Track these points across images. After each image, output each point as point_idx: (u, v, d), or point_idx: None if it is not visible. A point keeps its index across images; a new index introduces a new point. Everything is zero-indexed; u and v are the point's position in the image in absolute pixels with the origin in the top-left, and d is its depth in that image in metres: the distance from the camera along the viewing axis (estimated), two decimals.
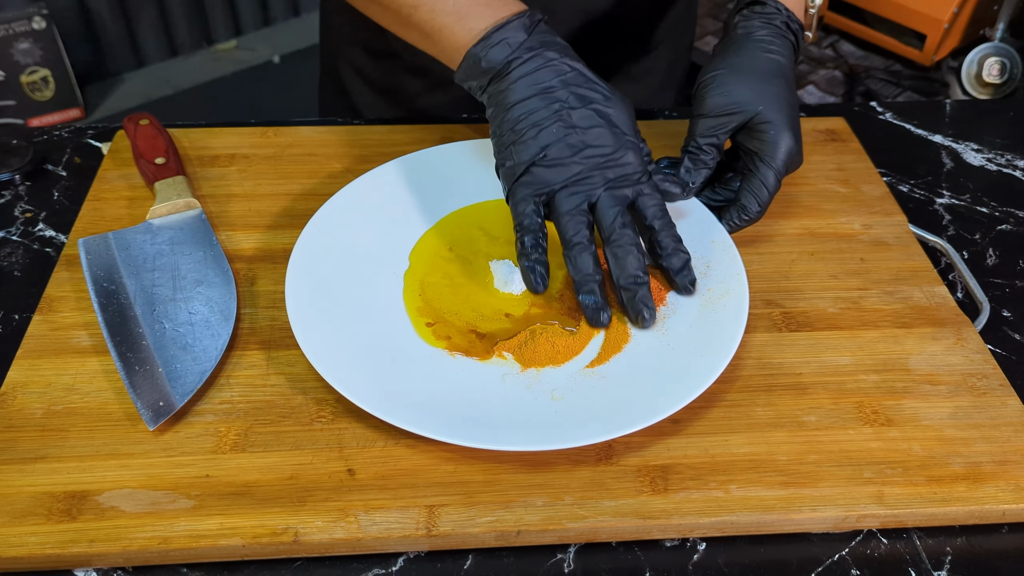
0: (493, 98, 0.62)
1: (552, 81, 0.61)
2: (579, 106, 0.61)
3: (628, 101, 0.64)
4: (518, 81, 0.61)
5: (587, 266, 0.60)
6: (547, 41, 0.62)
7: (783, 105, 0.66)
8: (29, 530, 0.50)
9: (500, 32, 0.61)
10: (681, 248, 0.62)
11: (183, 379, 0.57)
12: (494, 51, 0.61)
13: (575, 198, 0.60)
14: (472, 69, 0.62)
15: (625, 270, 0.60)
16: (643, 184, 0.62)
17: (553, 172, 0.61)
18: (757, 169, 0.66)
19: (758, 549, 0.53)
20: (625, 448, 0.55)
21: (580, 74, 0.62)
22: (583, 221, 0.60)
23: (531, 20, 0.62)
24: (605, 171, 0.61)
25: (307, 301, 0.61)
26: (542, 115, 0.60)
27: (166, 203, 0.70)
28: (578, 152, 0.60)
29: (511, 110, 0.61)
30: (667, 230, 0.62)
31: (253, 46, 2.64)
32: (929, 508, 0.53)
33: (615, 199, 0.61)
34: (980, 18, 1.93)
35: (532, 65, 0.61)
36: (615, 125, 0.61)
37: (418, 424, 0.54)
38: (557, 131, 0.60)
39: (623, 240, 0.60)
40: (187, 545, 0.50)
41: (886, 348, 0.63)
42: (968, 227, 0.76)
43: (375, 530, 0.51)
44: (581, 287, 0.60)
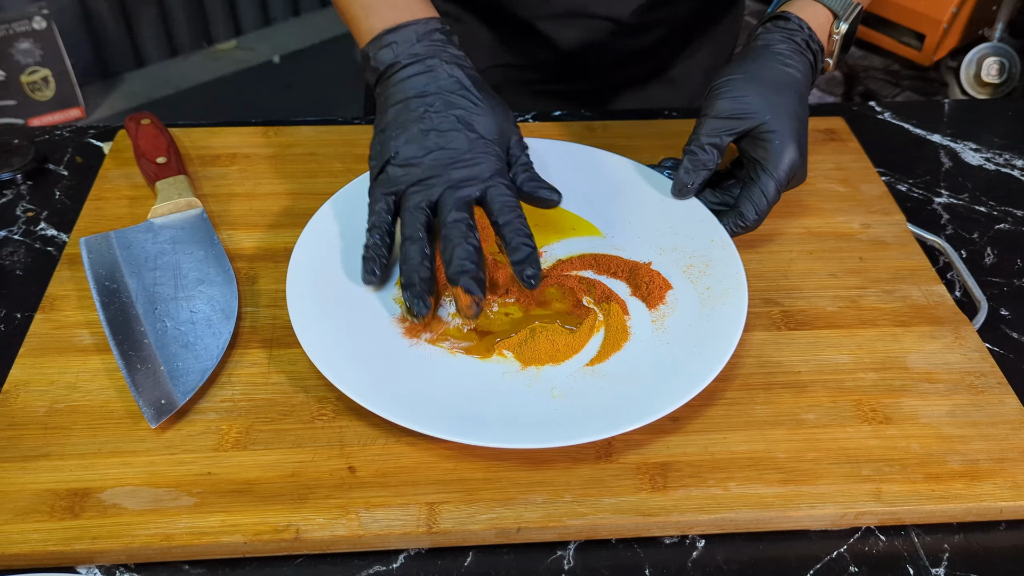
0: (378, 100, 0.66)
1: (427, 87, 0.63)
2: (442, 110, 0.63)
3: (503, 111, 0.65)
4: (397, 84, 0.64)
5: (412, 258, 0.60)
6: (436, 50, 0.64)
7: (792, 118, 0.66)
8: (32, 527, 0.50)
9: (391, 35, 0.64)
10: (525, 242, 0.61)
11: (185, 377, 0.58)
12: (382, 52, 0.64)
13: (417, 197, 0.62)
14: (366, 66, 0.66)
15: (451, 263, 0.59)
16: (492, 182, 0.63)
17: (403, 172, 0.63)
18: (758, 178, 0.66)
19: (757, 546, 0.53)
20: (625, 446, 0.56)
21: (457, 81, 0.64)
22: (420, 218, 0.61)
23: (426, 28, 0.64)
24: (451, 172, 0.62)
25: (308, 300, 0.61)
26: (407, 118, 0.63)
27: (167, 202, 0.70)
28: (429, 153, 0.63)
29: (387, 112, 0.64)
30: (512, 223, 0.61)
31: (253, 46, 2.65)
32: (927, 505, 0.53)
33: (456, 198, 0.62)
34: (979, 18, 1.93)
35: (412, 70, 0.64)
36: (474, 130, 0.63)
37: (419, 422, 0.54)
38: (415, 133, 0.63)
39: (451, 234, 0.60)
40: (189, 542, 0.50)
41: (884, 347, 0.63)
42: (966, 226, 0.76)
43: (376, 527, 0.51)
44: (404, 277, 0.60)
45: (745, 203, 0.67)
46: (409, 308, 0.59)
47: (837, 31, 0.69)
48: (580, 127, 0.83)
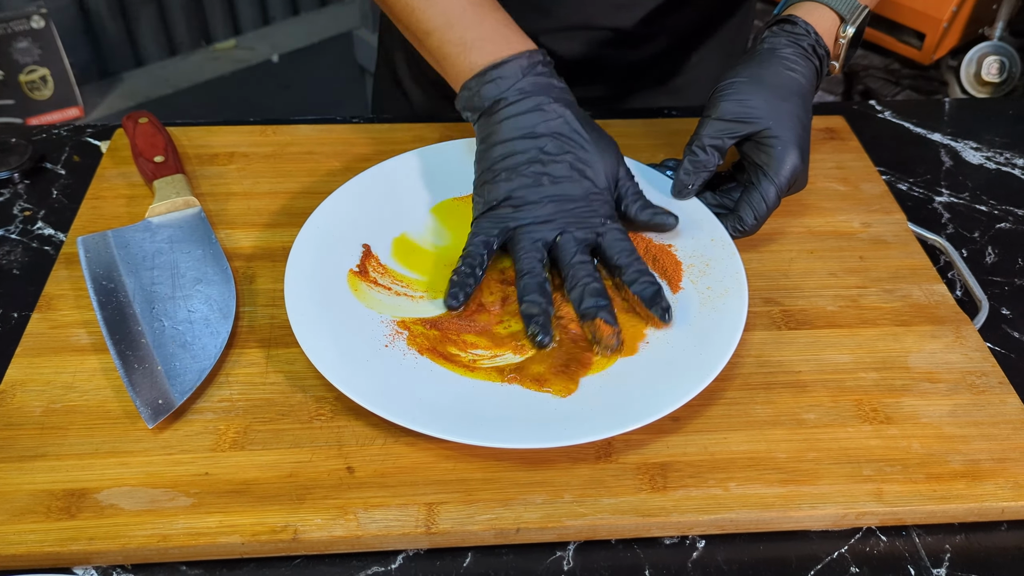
0: (481, 133, 0.65)
1: (537, 127, 0.63)
2: (556, 153, 0.63)
3: (611, 150, 0.65)
4: (504, 121, 0.63)
5: (533, 290, 0.60)
6: (542, 84, 0.64)
7: (795, 124, 0.66)
8: (28, 528, 0.50)
9: (496, 70, 0.63)
10: (649, 279, 0.62)
11: (182, 377, 0.57)
12: (487, 88, 0.63)
13: (532, 235, 0.63)
14: (467, 101, 0.65)
15: (583, 300, 0.60)
16: (606, 227, 0.64)
17: (517, 212, 0.63)
18: (759, 183, 0.66)
19: (757, 547, 0.53)
20: (625, 446, 0.55)
21: (566, 123, 0.64)
22: (536, 257, 0.62)
23: (530, 61, 0.64)
24: (568, 217, 0.63)
25: (306, 299, 0.61)
26: (519, 159, 0.63)
27: (165, 201, 0.69)
28: (543, 198, 0.63)
29: (494, 148, 0.64)
30: (634, 265, 0.62)
31: (252, 45, 2.64)
32: (928, 506, 0.53)
33: (576, 240, 0.63)
34: (979, 17, 1.93)
35: (520, 107, 0.63)
36: (587, 177, 0.64)
37: (417, 422, 0.53)
38: (530, 177, 0.63)
39: (579, 274, 0.61)
40: (186, 543, 0.50)
41: (885, 346, 0.63)
42: (967, 225, 0.76)
43: (374, 528, 0.51)
44: (525, 309, 0.60)
45: (744, 207, 0.67)
46: (534, 337, 0.59)
47: (843, 35, 0.69)
48: None
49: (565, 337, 0.61)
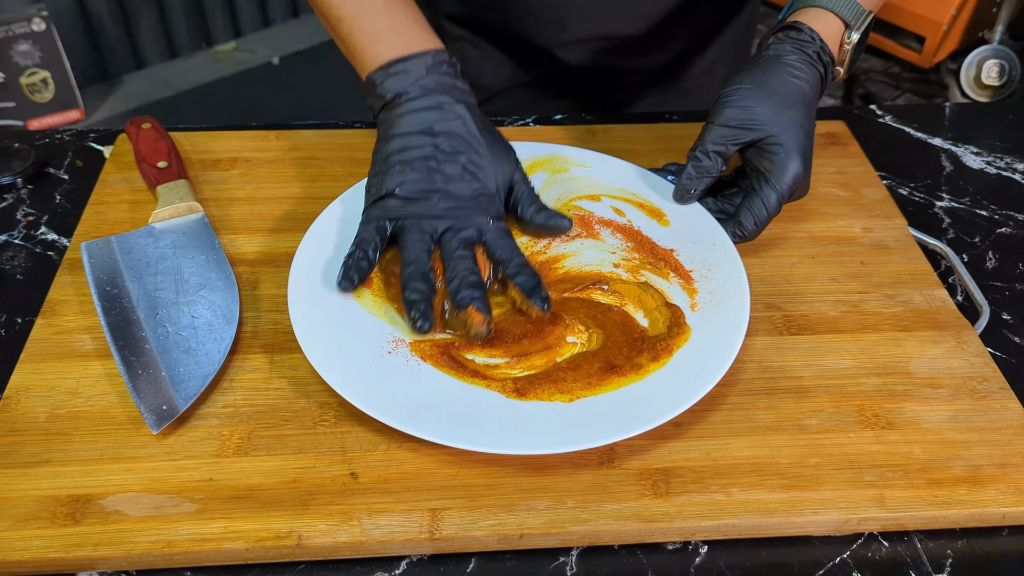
0: (381, 125, 0.66)
1: (435, 124, 0.64)
2: (451, 152, 0.64)
3: (506, 155, 0.67)
4: (404, 116, 0.64)
5: (416, 278, 0.61)
6: (445, 84, 0.65)
7: (798, 131, 0.66)
8: (33, 534, 0.50)
9: (401, 64, 0.64)
10: (529, 271, 0.63)
11: (186, 383, 0.58)
12: (390, 81, 0.65)
13: (420, 227, 0.64)
14: (370, 92, 0.66)
15: (459, 290, 0.61)
16: (492, 225, 0.65)
17: (406, 205, 0.64)
18: (761, 189, 0.66)
19: (760, 552, 0.53)
20: (627, 451, 0.56)
21: (464, 123, 0.65)
22: (422, 247, 0.63)
23: (435, 59, 0.65)
24: (454, 215, 0.64)
25: (310, 305, 0.61)
26: (414, 154, 0.64)
27: (168, 207, 0.70)
28: (434, 194, 0.64)
29: (391, 141, 0.65)
30: (515, 259, 0.64)
31: (253, 47, 2.64)
32: (930, 511, 0.53)
33: (459, 238, 0.64)
34: (979, 20, 1.93)
35: (421, 103, 0.64)
36: (478, 179, 0.65)
37: (420, 428, 0.54)
38: (422, 172, 0.64)
39: (458, 267, 0.62)
40: (191, 549, 0.50)
41: (886, 351, 0.63)
42: (968, 230, 0.76)
43: (378, 533, 0.51)
44: (407, 295, 0.61)
45: (745, 213, 0.67)
46: (414, 323, 0.60)
47: (848, 41, 0.69)
48: (581, 131, 0.82)
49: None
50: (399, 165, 0.64)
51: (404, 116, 0.64)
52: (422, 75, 0.64)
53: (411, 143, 0.64)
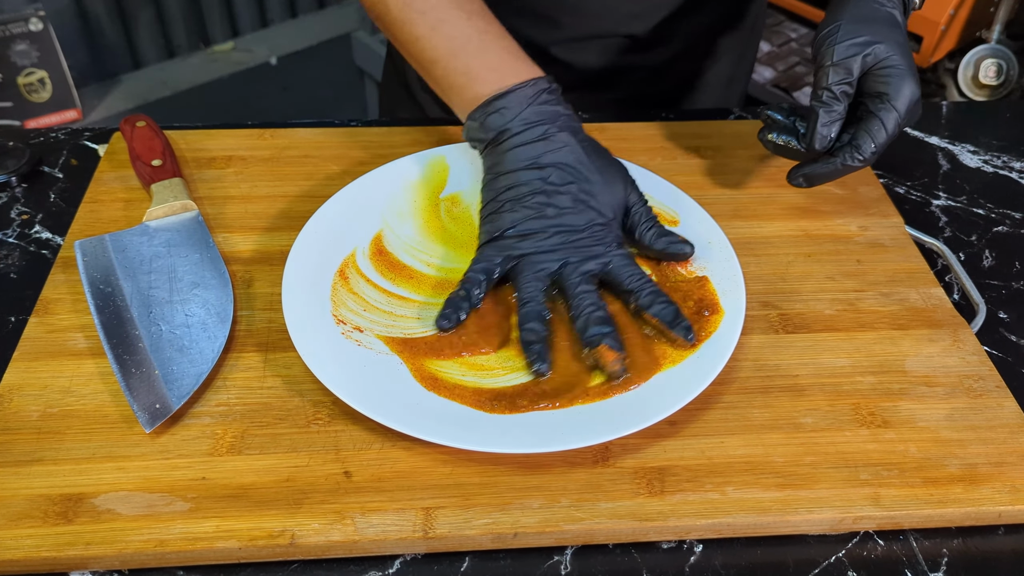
0: (488, 163, 0.65)
1: (542, 157, 0.63)
2: (561, 184, 0.63)
3: (619, 178, 0.65)
4: (509, 152, 0.63)
5: (533, 319, 0.60)
6: (548, 112, 0.64)
7: (906, 52, 0.66)
8: (25, 533, 0.50)
9: (501, 100, 0.63)
10: (665, 300, 0.61)
11: (179, 381, 0.57)
12: (492, 118, 0.64)
13: (537, 265, 0.62)
14: (473, 132, 0.65)
15: (588, 327, 0.59)
16: (611, 254, 0.63)
17: (521, 243, 0.63)
18: (878, 111, 0.65)
19: (755, 551, 0.53)
20: (622, 450, 0.55)
21: (571, 151, 0.63)
22: (538, 286, 0.62)
23: (535, 89, 0.64)
24: (571, 248, 0.63)
25: (304, 303, 0.61)
26: (523, 191, 0.63)
27: (163, 205, 0.69)
28: (547, 228, 0.63)
29: (499, 179, 0.64)
30: (646, 288, 0.62)
31: (250, 48, 2.64)
32: (925, 510, 0.53)
33: (580, 272, 0.62)
34: (977, 20, 1.93)
35: (525, 137, 0.63)
36: (592, 208, 0.63)
37: (414, 427, 0.54)
38: (534, 208, 0.63)
39: (582, 304, 0.60)
40: (183, 548, 0.50)
41: (883, 350, 0.63)
42: (964, 229, 0.76)
43: (372, 532, 0.51)
44: (524, 337, 0.60)
45: (863, 136, 0.65)
46: (530, 366, 0.58)
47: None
48: None
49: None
50: (510, 203, 0.63)
51: (509, 152, 0.63)
52: (523, 107, 0.63)
53: (520, 180, 0.63)
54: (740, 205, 0.75)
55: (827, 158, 0.67)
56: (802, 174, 0.69)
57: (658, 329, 0.61)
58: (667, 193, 0.72)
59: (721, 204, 0.74)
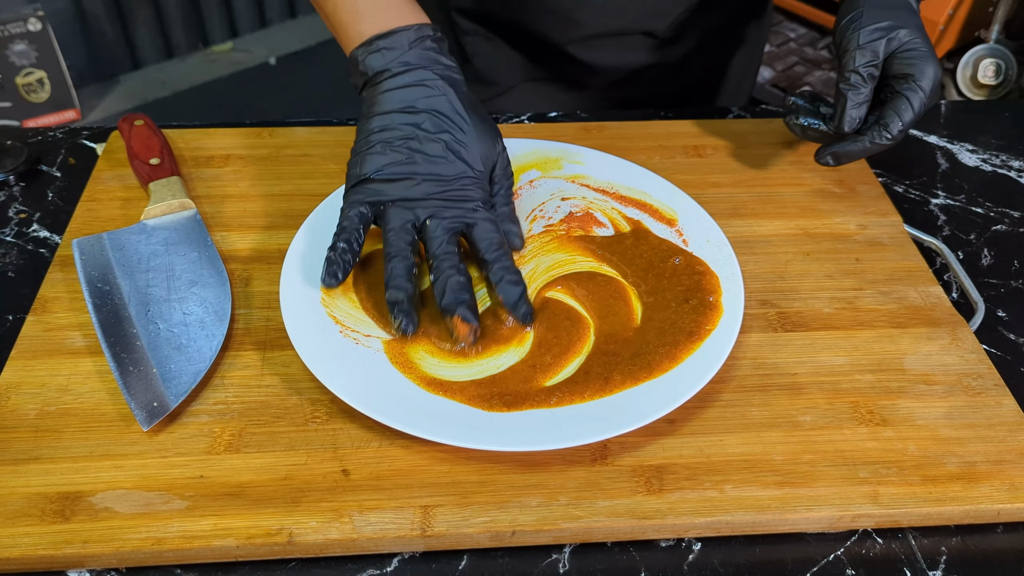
0: (364, 103, 0.64)
1: (417, 101, 0.63)
2: (433, 132, 0.62)
3: (491, 136, 0.65)
4: (385, 93, 0.63)
5: (399, 275, 0.59)
6: (429, 58, 0.63)
7: (926, 37, 0.68)
8: (22, 531, 0.50)
9: (383, 40, 0.63)
10: (513, 278, 0.61)
11: (177, 380, 0.57)
12: (372, 58, 0.63)
13: (401, 215, 0.61)
14: (353, 70, 0.65)
15: (444, 294, 0.59)
16: (478, 215, 0.63)
17: (388, 187, 0.62)
18: (904, 90, 0.67)
19: (753, 549, 0.53)
20: (620, 448, 0.55)
21: (447, 101, 0.63)
22: (405, 238, 0.61)
23: (418, 34, 0.64)
24: (437, 199, 0.62)
25: (302, 302, 0.61)
26: (395, 134, 0.62)
27: (160, 204, 0.69)
28: (415, 175, 0.62)
29: (372, 120, 0.63)
30: (500, 262, 0.61)
31: (249, 48, 2.64)
32: (924, 508, 0.53)
33: (443, 228, 0.61)
34: (975, 19, 1.93)
35: (403, 80, 0.63)
36: (462, 159, 0.63)
37: (412, 425, 0.53)
38: (403, 153, 0.62)
39: (443, 265, 0.60)
40: (181, 546, 0.50)
41: (881, 348, 0.63)
42: (963, 227, 0.76)
43: (370, 531, 0.51)
44: (391, 294, 0.59)
45: (891, 115, 0.67)
46: (398, 325, 0.58)
47: None
48: (576, 128, 0.82)
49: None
50: (379, 145, 0.62)
51: (385, 94, 0.63)
52: (404, 50, 0.63)
53: (392, 122, 0.62)
54: (739, 204, 0.75)
55: (855, 137, 0.69)
56: (830, 152, 0.70)
57: (499, 305, 0.60)
58: (666, 192, 0.72)
59: (720, 203, 0.74)
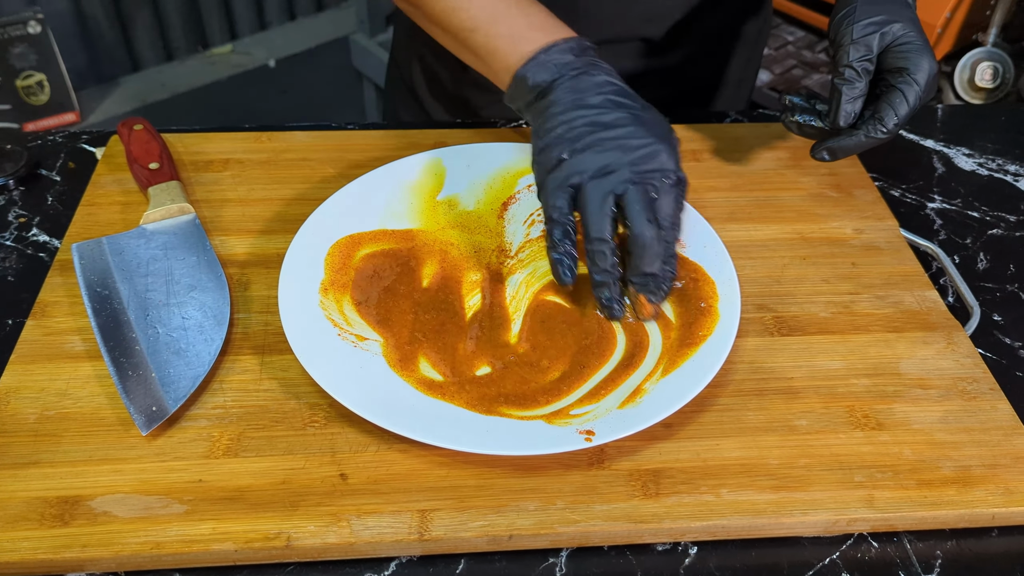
0: (538, 115, 0.64)
1: (591, 95, 0.63)
2: (613, 109, 0.62)
3: (664, 118, 0.65)
4: (561, 96, 0.63)
5: (604, 262, 0.60)
6: (593, 62, 0.65)
7: (921, 30, 0.68)
8: (22, 535, 0.50)
9: (547, 54, 0.64)
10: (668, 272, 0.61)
11: (176, 384, 0.57)
12: (540, 72, 0.64)
13: (601, 189, 0.60)
14: (519, 89, 0.65)
15: (640, 271, 0.60)
16: (670, 183, 0.61)
17: (583, 159, 0.61)
18: (899, 84, 0.67)
19: (749, 553, 0.53)
20: (617, 452, 0.56)
21: (620, 88, 0.64)
22: (607, 217, 0.60)
23: (579, 45, 0.65)
24: (635, 164, 0.61)
25: (300, 306, 0.61)
26: (578, 122, 0.62)
27: (160, 208, 0.70)
28: (609, 142, 0.61)
29: (552, 118, 0.63)
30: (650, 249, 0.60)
31: (249, 50, 2.64)
32: (919, 512, 0.53)
33: (642, 196, 0.60)
34: (973, 23, 1.94)
35: (575, 82, 0.63)
36: (648, 125, 0.62)
37: (410, 429, 0.54)
38: (588, 130, 0.62)
39: (644, 239, 0.59)
40: (180, 550, 0.50)
41: (877, 352, 0.63)
42: (959, 231, 0.76)
43: (367, 535, 0.51)
44: (596, 283, 0.60)
45: (886, 109, 0.67)
46: (605, 309, 0.60)
47: None
48: None
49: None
50: (566, 134, 0.62)
51: (561, 97, 0.63)
52: (570, 59, 0.64)
53: (573, 115, 0.62)
54: (735, 208, 0.75)
55: (850, 131, 0.68)
56: (826, 147, 0.69)
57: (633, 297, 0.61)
58: None
59: (716, 207, 0.74)
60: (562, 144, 0.62)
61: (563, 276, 0.61)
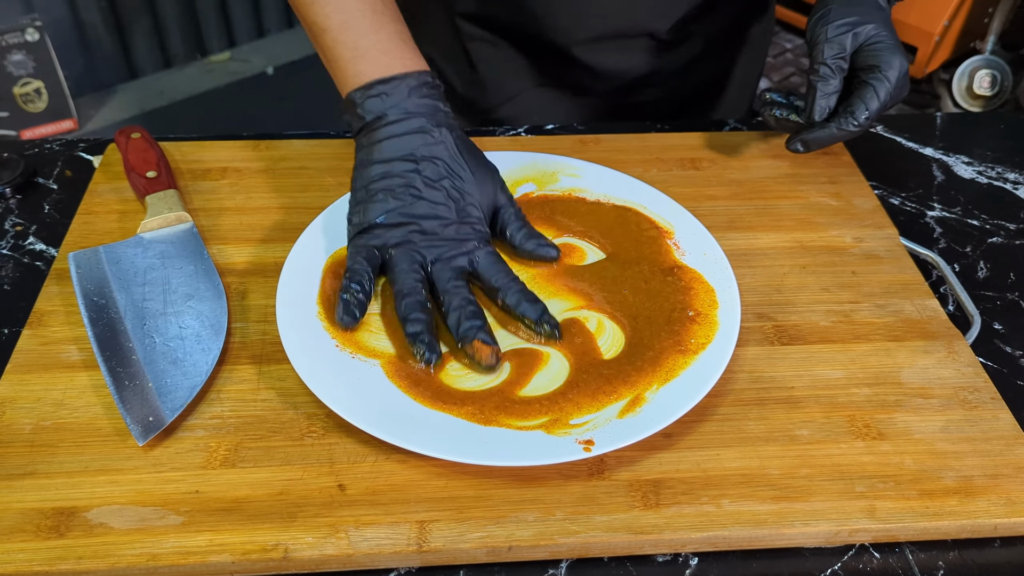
0: (362, 149, 0.65)
1: (417, 149, 0.63)
2: (434, 179, 0.63)
3: (491, 178, 0.66)
4: (385, 141, 0.63)
5: (415, 311, 0.60)
6: (427, 106, 0.64)
7: (893, 31, 0.71)
8: (17, 547, 0.50)
9: (382, 86, 0.64)
10: (531, 297, 0.62)
11: (173, 394, 0.57)
12: (371, 102, 0.64)
13: (409, 257, 0.63)
14: (350, 111, 0.65)
15: (460, 323, 0.60)
16: (479, 253, 0.64)
17: (392, 232, 0.63)
18: (869, 81, 0.69)
19: (750, 564, 0.53)
20: (617, 463, 0.55)
21: (446, 148, 0.64)
22: (415, 277, 0.62)
23: (418, 81, 0.64)
24: (443, 241, 0.63)
25: (298, 315, 0.61)
26: (397, 182, 0.63)
27: (157, 217, 0.69)
28: (417, 220, 0.63)
29: (371, 167, 0.64)
30: (512, 286, 0.63)
31: (247, 57, 2.65)
32: (921, 522, 0.53)
33: (451, 268, 0.63)
34: (971, 30, 1.94)
35: (402, 127, 0.63)
36: (463, 203, 0.64)
37: (409, 439, 0.53)
38: (405, 200, 0.63)
39: (454, 300, 0.61)
40: (176, 562, 0.50)
41: (878, 361, 0.63)
42: (959, 240, 0.76)
43: (366, 546, 0.51)
44: (410, 330, 0.59)
45: (857, 103, 0.69)
46: (422, 356, 0.59)
47: None
48: (572, 141, 0.82)
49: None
50: (381, 193, 0.63)
51: (384, 141, 0.63)
52: (404, 97, 0.63)
53: (393, 170, 0.63)
54: (735, 216, 0.75)
55: (823, 124, 0.71)
56: (800, 139, 0.72)
57: (527, 327, 0.62)
58: (662, 204, 0.72)
59: (716, 216, 0.74)
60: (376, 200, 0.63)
61: (343, 318, 0.60)
